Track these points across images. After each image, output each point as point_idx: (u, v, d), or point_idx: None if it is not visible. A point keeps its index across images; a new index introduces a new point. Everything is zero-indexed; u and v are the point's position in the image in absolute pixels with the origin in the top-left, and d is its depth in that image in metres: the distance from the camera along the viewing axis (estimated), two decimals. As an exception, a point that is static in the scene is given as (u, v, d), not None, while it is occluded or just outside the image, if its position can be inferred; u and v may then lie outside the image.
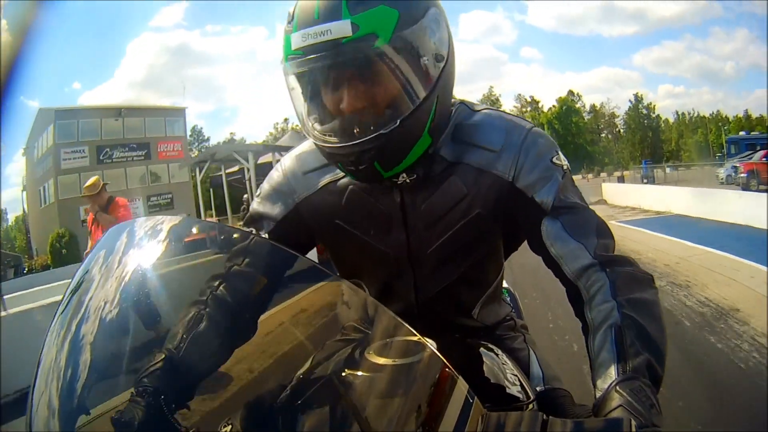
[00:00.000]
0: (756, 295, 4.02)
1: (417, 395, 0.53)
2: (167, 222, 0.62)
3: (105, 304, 0.58)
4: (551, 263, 0.82)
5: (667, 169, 27.66)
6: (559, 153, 0.84)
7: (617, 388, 0.62)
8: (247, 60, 70.71)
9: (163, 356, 0.53)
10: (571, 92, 49.08)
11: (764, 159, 16.59)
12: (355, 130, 0.75)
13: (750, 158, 17.35)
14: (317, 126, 0.79)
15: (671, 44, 62.08)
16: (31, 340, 1.01)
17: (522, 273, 3.87)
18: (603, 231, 0.81)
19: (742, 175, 16.47)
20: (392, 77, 0.74)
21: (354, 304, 0.57)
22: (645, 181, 23.36)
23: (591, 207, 0.85)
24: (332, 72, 0.74)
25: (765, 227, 6.84)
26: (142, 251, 0.61)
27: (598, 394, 0.64)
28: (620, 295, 0.73)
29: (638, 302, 0.73)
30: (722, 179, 17.97)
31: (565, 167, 0.84)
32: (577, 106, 48.29)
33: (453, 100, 0.86)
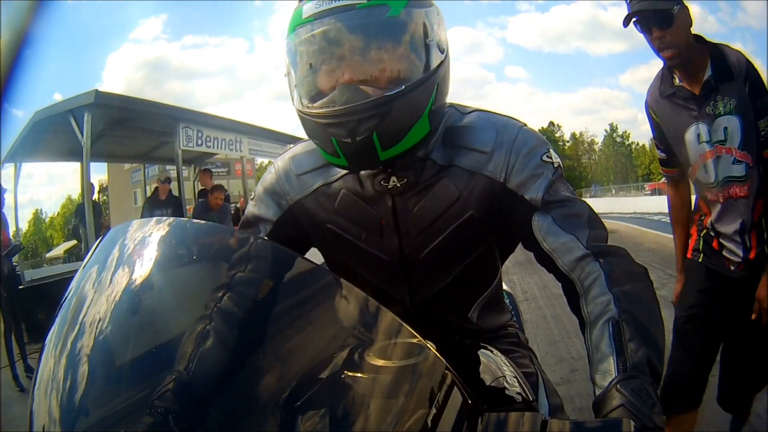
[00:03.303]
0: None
1: (417, 396, 0.50)
2: (164, 224, 0.58)
3: (104, 311, 0.54)
4: (545, 259, 0.77)
5: (613, 190, 34.55)
6: (550, 150, 0.80)
7: (618, 386, 0.57)
8: (226, 74, 70.81)
9: (174, 377, 0.48)
10: (552, 123, 49.91)
11: (664, 181, 24.29)
12: (354, 96, 0.69)
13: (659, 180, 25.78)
14: (315, 100, 0.73)
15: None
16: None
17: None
18: (595, 222, 0.76)
19: (647, 192, 25.80)
20: (399, 48, 0.70)
21: (354, 306, 0.54)
22: (589, 196, 31.12)
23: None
24: (340, 37, 0.69)
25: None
26: (141, 257, 0.57)
27: (598, 392, 0.59)
28: (616, 287, 0.68)
29: (635, 295, 0.68)
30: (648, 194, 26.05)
31: (556, 164, 0.79)
32: (557, 135, 48.98)
33: None
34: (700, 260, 1.52)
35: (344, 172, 0.81)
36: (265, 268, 0.56)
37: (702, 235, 1.53)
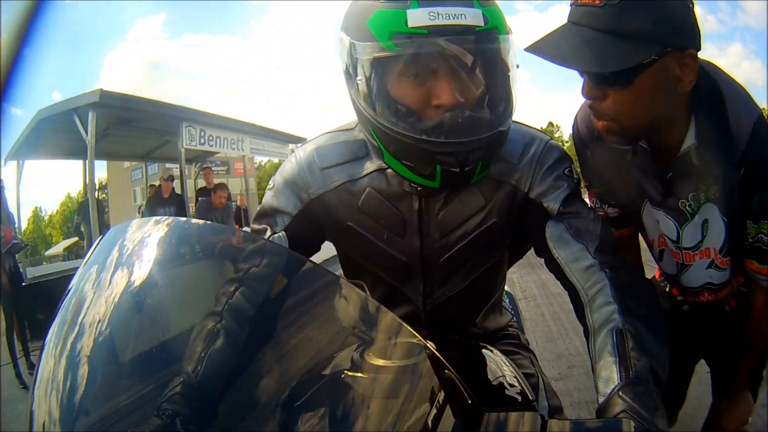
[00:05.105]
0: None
1: (417, 396, 0.49)
2: (162, 224, 0.58)
3: (103, 311, 0.53)
4: (554, 266, 0.77)
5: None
6: (572, 166, 0.81)
7: (620, 393, 0.57)
8: (225, 73, 70.63)
9: (182, 380, 0.47)
10: (551, 123, 49.86)
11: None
12: (468, 127, 0.67)
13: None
14: (410, 119, 0.68)
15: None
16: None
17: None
18: (606, 234, 0.77)
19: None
20: (504, 75, 0.70)
21: (356, 306, 0.53)
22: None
23: None
24: (457, 61, 0.66)
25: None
26: (141, 257, 0.56)
27: (601, 399, 0.59)
28: (620, 297, 0.68)
29: (639, 305, 0.68)
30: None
31: (576, 179, 0.80)
32: (557, 135, 49.03)
33: None
34: (667, 289, 1.06)
35: (371, 169, 0.79)
36: (265, 268, 0.55)
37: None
